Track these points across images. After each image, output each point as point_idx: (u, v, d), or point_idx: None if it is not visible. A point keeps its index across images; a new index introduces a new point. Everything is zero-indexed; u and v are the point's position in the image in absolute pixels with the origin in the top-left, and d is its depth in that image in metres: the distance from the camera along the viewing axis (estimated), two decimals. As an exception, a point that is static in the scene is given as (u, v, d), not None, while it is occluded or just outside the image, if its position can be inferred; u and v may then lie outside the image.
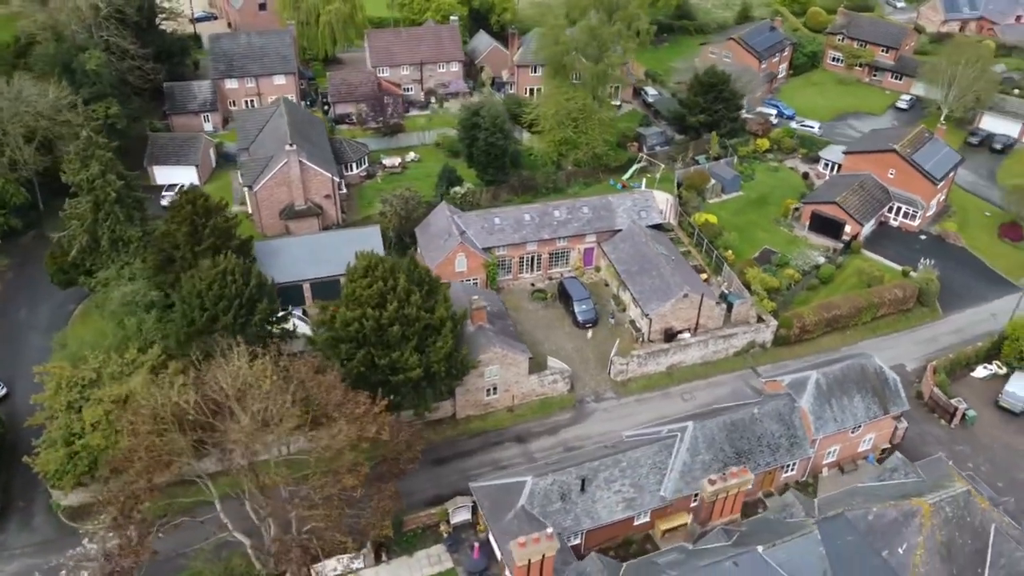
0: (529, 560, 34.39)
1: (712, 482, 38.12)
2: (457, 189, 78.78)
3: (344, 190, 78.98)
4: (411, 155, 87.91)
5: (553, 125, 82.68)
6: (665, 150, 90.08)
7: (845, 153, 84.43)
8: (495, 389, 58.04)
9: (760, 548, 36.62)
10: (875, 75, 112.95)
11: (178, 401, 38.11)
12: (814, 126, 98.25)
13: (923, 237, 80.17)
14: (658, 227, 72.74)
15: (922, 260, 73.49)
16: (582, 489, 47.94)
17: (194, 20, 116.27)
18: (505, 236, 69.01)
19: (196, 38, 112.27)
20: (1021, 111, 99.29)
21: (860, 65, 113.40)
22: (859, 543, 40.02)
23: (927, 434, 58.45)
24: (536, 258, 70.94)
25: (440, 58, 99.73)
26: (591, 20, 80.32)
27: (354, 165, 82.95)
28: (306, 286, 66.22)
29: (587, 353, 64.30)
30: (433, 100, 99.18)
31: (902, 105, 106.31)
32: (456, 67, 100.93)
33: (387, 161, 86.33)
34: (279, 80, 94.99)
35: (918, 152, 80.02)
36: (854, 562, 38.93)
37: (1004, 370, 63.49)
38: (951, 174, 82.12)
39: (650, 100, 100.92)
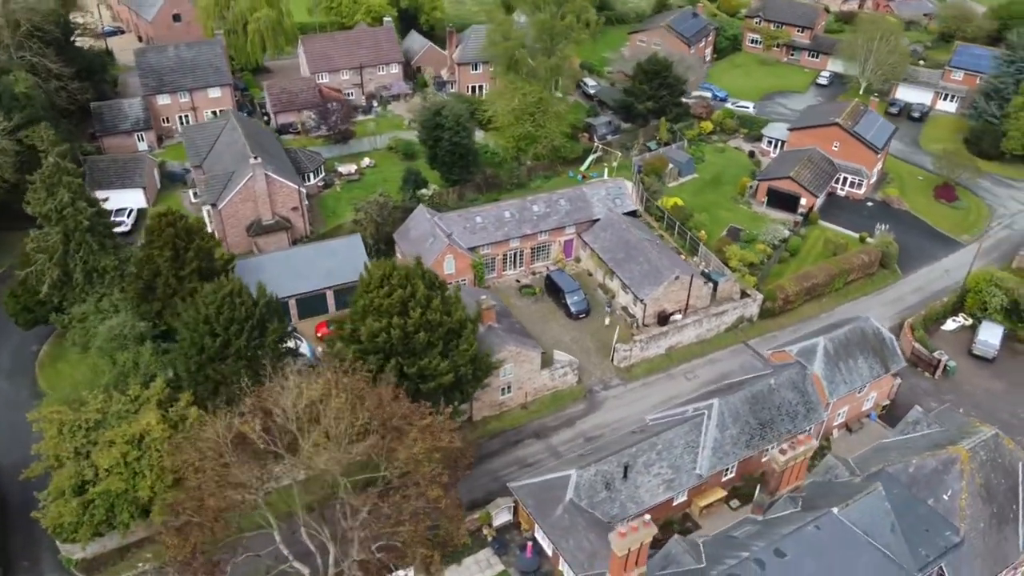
0: (628, 549, 34.44)
1: (783, 452, 39.16)
2: (424, 191, 77.69)
3: (306, 201, 76.45)
4: (366, 161, 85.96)
5: (511, 120, 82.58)
6: (616, 139, 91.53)
7: (790, 129, 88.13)
8: (509, 388, 57.69)
9: (835, 510, 37.95)
10: (792, 54, 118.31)
11: (242, 429, 36.03)
12: (749, 106, 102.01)
13: (870, 204, 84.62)
14: (631, 214, 73.91)
15: (879, 225, 77.66)
16: (624, 476, 48.40)
17: (104, 35, 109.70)
18: (488, 234, 68.59)
19: (109, 54, 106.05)
20: (931, 80, 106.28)
21: (778, 45, 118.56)
22: (906, 495, 41.99)
23: (915, 387, 61.85)
24: (519, 254, 70.84)
25: (379, 60, 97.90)
26: (542, 14, 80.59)
27: (311, 175, 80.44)
28: (291, 302, 63.86)
29: (587, 343, 64.77)
30: (376, 103, 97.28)
31: (822, 81, 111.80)
32: (396, 69, 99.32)
33: (343, 169, 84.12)
34: (214, 93, 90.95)
35: (858, 124, 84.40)
36: (909, 513, 40.82)
37: (970, 321, 67.88)
38: (888, 143, 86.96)
39: (591, 91, 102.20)
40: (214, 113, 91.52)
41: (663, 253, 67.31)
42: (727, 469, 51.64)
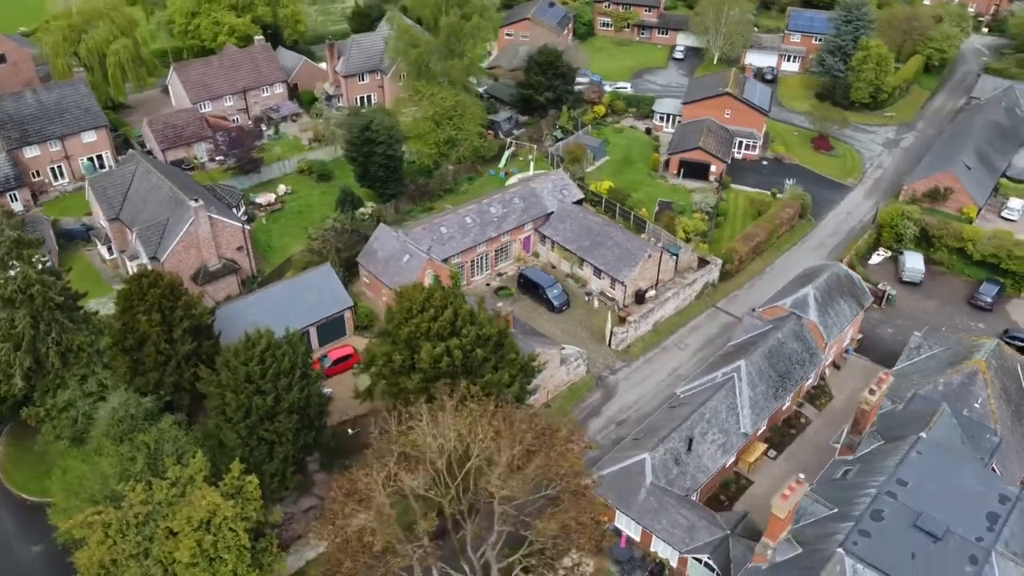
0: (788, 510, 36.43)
1: (872, 392, 42.76)
2: (364, 211, 75.15)
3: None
4: (283, 188, 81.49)
5: (431, 127, 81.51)
6: (522, 132, 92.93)
7: (684, 103, 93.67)
8: (535, 389, 57.70)
9: (923, 435, 42.12)
10: (643, 33, 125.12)
11: (404, 479, 33.82)
12: (626, 86, 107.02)
13: (765, 163, 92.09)
14: (578, 203, 75.69)
15: (787, 180, 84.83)
16: (688, 448, 50.49)
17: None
18: (456, 243, 67.82)
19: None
20: (773, 44, 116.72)
21: (628, 26, 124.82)
22: (947, 412, 47.24)
23: (869, 318, 68.60)
24: (484, 258, 70.61)
25: (262, 82, 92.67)
26: (447, 17, 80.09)
27: (233, 210, 75.07)
28: (277, 346, 59.77)
29: (578, 332, 66.03)
30: (265, 127, 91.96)
31: (678, 56, 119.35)
32: (280, 89, 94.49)
33: (261, 199, 79.28)
34: (88, 137, 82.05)
35: (744, 91, 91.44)
36: (958, 425, 46.06)
37: (889, 253, 76.23)
38: (771, 105, 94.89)
39: (480, 89, 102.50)
40: (90, 159, 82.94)
41: (627, 235, 69.83)
42: (764, 425, 55.21)
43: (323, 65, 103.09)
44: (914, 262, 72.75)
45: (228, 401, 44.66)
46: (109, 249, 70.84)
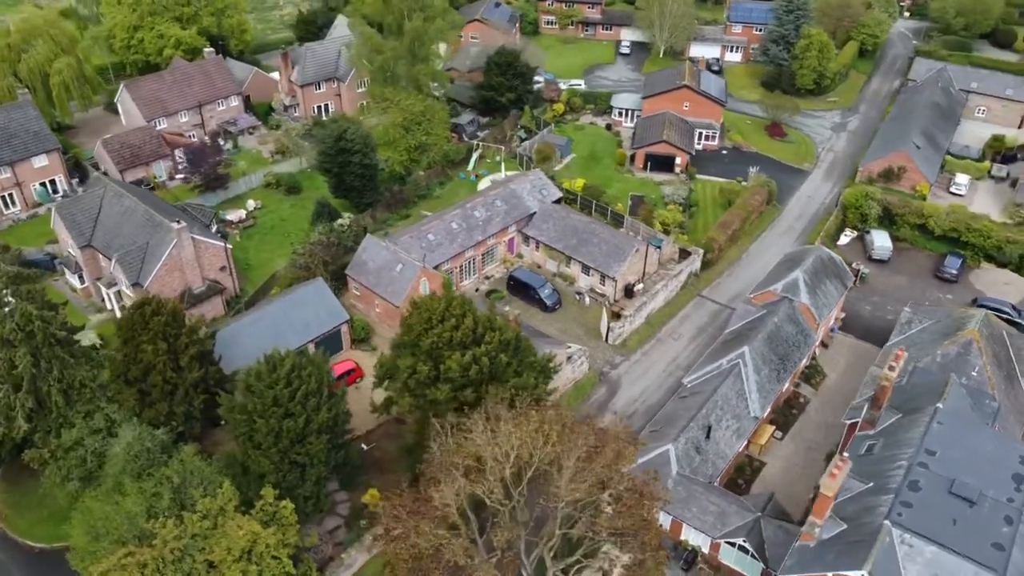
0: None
1: (892, 368, 44.57)
2: (342, 222, 74.02)
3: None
4: (252, 203, 79.47)
5: (402, 133, 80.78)
6: (487, 133, 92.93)
7: (643, 98, 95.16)
8: (553, 391, 58.03)
9: (940, 405, 44.18)
10: (587, 30, 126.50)
11: (475, 492, 33.56)
12: (580, 83, 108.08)
13: (725, 152, 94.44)
14: (557, 202, 76.25)
15: (751, 168, 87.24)
16: (707, 436, 51.71)
17: None
18: (445, 249, 67.53)
19: None
20: (715, 36, 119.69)
21: (573, 23, 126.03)
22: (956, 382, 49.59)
23: (848, 297, 70.98)
24: (472, 262, 70.50)
25: (216, 95, 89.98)
26: (411, 22, 79.49)
27: (207, 229, 72.87)
28: (277, 366, 58.39)
29: (574, 330, 66.57)
30: (223, 141, 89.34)
31: (625, 51, 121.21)
32: (236, 101, 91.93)
33: (232, 216, 77.14)
34: (40, 162, 78.19)
35: (701, 83, 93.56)
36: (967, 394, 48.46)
37: (856, 233, 79.32)
38: (727, 95, 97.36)
39: (437, 94, 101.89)
40: (43, 185, 79.15)
41: (611, 231, 70.77)
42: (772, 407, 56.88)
43: (275, 75, 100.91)
44: (882, 240, 75.91)
45: (258, 427, 43.52)
46: (80, 278, 67.84)
